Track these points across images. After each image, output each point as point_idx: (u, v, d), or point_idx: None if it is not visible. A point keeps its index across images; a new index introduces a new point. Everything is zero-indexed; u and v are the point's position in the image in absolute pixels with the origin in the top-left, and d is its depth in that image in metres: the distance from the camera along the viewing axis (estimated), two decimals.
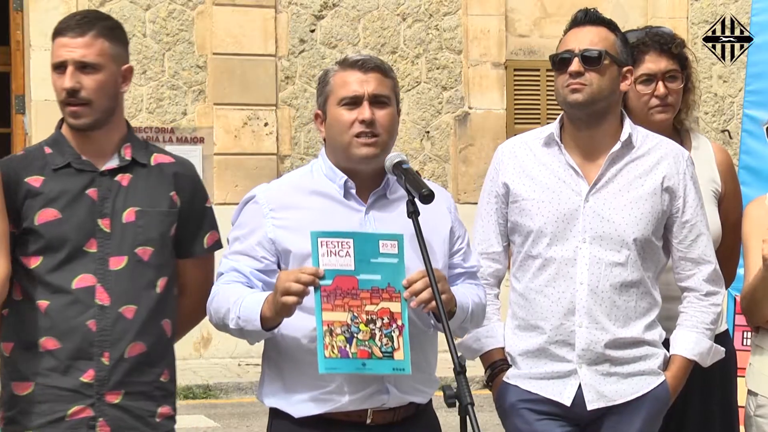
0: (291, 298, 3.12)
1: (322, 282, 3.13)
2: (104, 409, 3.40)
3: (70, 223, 3.41)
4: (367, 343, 3.16)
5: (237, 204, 3.48)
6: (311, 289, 3.13)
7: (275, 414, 3.42)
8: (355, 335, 3.15)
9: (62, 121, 3.55)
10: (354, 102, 3.33)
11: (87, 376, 3.39)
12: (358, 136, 3.32)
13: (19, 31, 11.96)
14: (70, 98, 3.41)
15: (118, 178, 3.47)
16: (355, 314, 3.15)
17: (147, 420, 3.46)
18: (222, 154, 12.25)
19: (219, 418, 9.44)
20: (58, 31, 3.44)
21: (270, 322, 3.23)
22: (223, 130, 12.30)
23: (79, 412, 3.39)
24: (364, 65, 3.34)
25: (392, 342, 3.17)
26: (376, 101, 3.34)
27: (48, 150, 3.49)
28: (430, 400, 3.46)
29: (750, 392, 3.85)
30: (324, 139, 3.46)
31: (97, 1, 11.88)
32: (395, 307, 3.18)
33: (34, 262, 3.41)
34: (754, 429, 3.82)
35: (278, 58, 12.47)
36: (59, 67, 3.42)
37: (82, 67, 3.41)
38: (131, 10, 12.02)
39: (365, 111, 3.31)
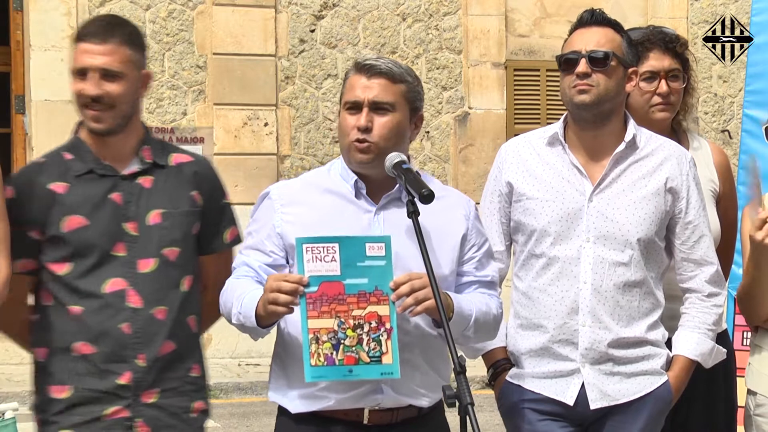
0: (279, 308, 3.15)
1: (306, 289, 3.13)
2: (141, 409, 3.45)
3: (97, 229, 3.44)
4: (354, 348, 3.15)
5: (237, 204, 3.51)
6: (307, 290, 3.13)
7: (279, 410, 3.45)
8: (342, 341, 3.14)
9: (79, 125, 3.57)
10: (355, 107, 3.35)
11: (123, 379, 3.43)
12: (354, 141, 3.34)
13: (19, 31, 11.96)
14: (93, 104, 3.43)
15: (140, 180, 3.51)
16: (342, 320, 3.15)
17: (182, 416, 3.52)
18: (222, 154, 12.25)
19: (219, 418, 9.44)
20: (81, 36, 3.45)
21: (264, 321, 3.25)
22: (223, 130, 12.30)
23: (116, 412, 3.43)
24: (370, 70, 3.35)
25: (380, 346, 3.16)
26: (377, 108, 3.34)
27: (68, 155, 3.52)
28: (439, 405, 3.42)
29: (749, 391, 3.85)
30: None
31: (97, 1, 11.88)
32: (383, 310, 3.17)
33: (63, 269, 3.45)
34: (753, 428, 3.82)
35: (278, 58, 12.47)
36: (81, 73, 3.44)
37: (105, 74, 3.43)
38: (131, 10, 12.02)
39: (361, 118, 3.33)
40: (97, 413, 3.43)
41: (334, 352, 3.14)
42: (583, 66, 3.63)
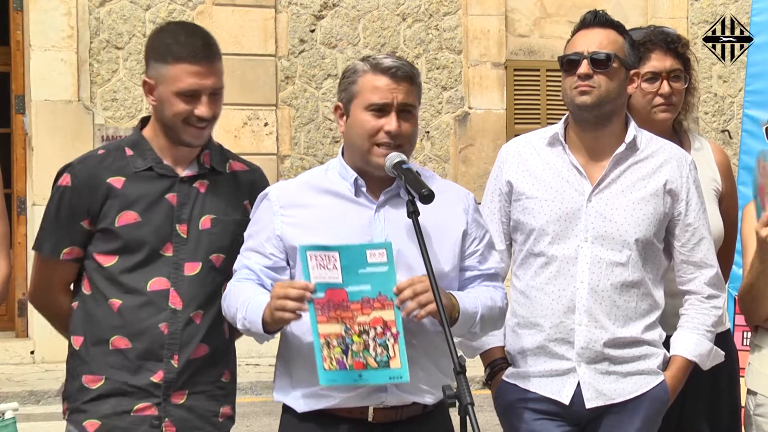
0: (287, 315, 3.16)
1: (314, 295, 3.14)
2: (170, 409, 3.48)
3: (149, 227, 3.47)
4: (361, 354, 3.16)
5: None
6: (314, 296, 3.14)
7: (284, 409, 3.46)
8: (350, 346, 3.16)
9: (143, 122, 3.59)
10: (382, 109, 3.33)
11: (156, 377, 3.47)
12: (379, 144, 3.33)
13: (19, 31, 11.96)
14: (201, 122, 3.45)
15: (196, 184, 3.53)
16: (348, 326, 3.16)
17: (210, 420, 3.56)
18: None
19: None
20: (182, 57, 3.41)
21: (271, 327, 3.26)
22: (223, 130, 12.29)
23: (144, 409, 3.47)
24: (396, 73, 3.33)
25: (387, 351, 3.16)
26: (404, 110, 3.34)
27: (129, 151, 3.54)
28: (442, 403, 3.40)
29: (749, 391, 3.85)
30: (342, 133, 3.47)
31: (97, 1, 11.88)
32: (388, 315, 3.17)
33: (109, 261, 3.49)
34: (753, 428, 3.82)
35: (278, 58, 12.47)
36: (190, 95, 3.43)
37: (213, 93, 3.46)
38: (131, 10, 12.02)
39: (392, 122, 3.31)
40: (126, 407, 3.47)
41: (344, 357, 3.16)
42: (584, 67, 3.64)
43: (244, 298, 3.30)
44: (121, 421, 3.47)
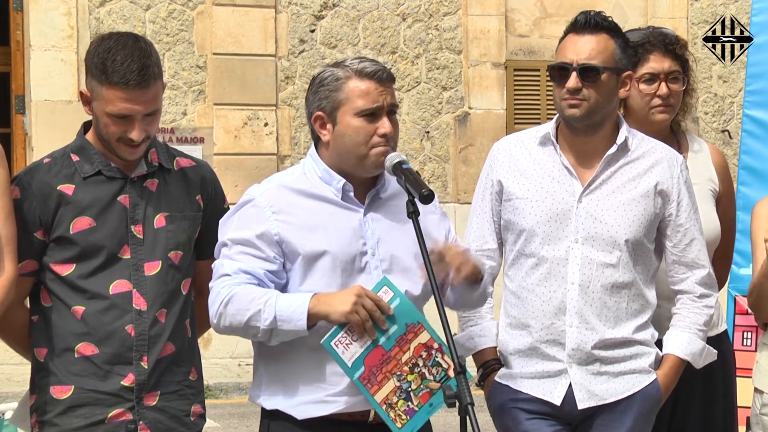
0: (366, 323, 3.19)
1: (356, 374, 3.21)
2: (143, 412, 3.45)
3: (104, 231, 3.43)
4: (422, 386, 3.25)
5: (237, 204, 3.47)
6: (356, 375, 3.22)
7: (274, 416, 3.42)
8: (410, 390, 3.24)
9: (84, 126, 3.55)
10: (373, 113, 3.35)
11: (127, 380, 3.43)
12: (375, 147, 3.35)
13: (19, 31, 11.96)
14: (133, 143, 3.40)
15: (146, 183, 3.50)
16: (399, 373, 3.23)
17: (183, 420, 3.52)
18: (222, 154, 12.25)
19: (219, 418, 9.44)
20: (114, 82, 3.34)
21: (315, 319, 3.24)
22: (223, 130, 12.30)
23: (119, 415, 3.43)
24: (382, 76, 3.36)
25: (442, 365, 3.25)
26: (390, 111, 3.38)
27: (75, 157, 3.49)
28: None
29: (756, 390, 3.85)
30: (319, 141, 3.45)
31: (97, 1, 11.88)
32: (424, 337, 3.26)
33: (67, 270, 3.44)
34: (759, 427, 3.82)
35: (278, 58, 12.47)
36: (120, 116, 3.37)
37: (148, 114, 3.40)
38: (131, 10, 12.02)
39: (386, 124, 3.35)
40: (99, 416, 3.42)
41: (409, 403, 3.24)
42: (573, 81, 3.61)
43: (267, 298, 3.26)
44: (96, 430, 3.42)
